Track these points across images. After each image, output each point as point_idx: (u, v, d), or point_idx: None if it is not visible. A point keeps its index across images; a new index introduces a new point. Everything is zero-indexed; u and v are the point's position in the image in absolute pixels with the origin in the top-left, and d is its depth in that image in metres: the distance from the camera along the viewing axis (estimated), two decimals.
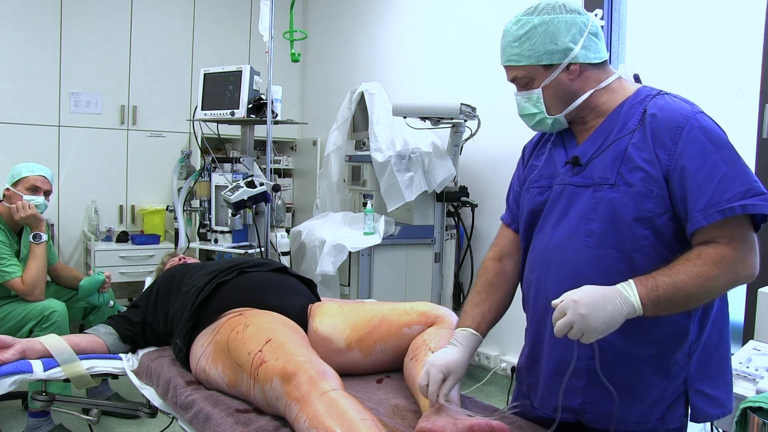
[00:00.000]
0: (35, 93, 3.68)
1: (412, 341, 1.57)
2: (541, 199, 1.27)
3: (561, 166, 1.25)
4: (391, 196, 2.92)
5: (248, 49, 4.35)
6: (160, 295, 1.87)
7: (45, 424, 2.33)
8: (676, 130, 1.10)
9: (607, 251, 1.13)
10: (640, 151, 1.12)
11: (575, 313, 1.01)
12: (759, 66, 2.15)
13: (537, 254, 1.26)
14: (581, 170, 1.20)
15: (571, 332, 1.03)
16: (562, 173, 1.24)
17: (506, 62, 1.23)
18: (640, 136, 1.14)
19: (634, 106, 1.19)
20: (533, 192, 1.29)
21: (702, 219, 1.05)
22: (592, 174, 1.18)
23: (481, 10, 3.21)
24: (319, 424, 1.15)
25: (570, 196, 1.21)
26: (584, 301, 1.02)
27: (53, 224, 3.69)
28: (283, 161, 4.58)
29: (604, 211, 1.14)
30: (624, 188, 1.13)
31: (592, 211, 1.16)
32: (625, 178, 1.13)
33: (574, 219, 1.18)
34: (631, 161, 1.13)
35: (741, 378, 1.37)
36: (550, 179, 1.27)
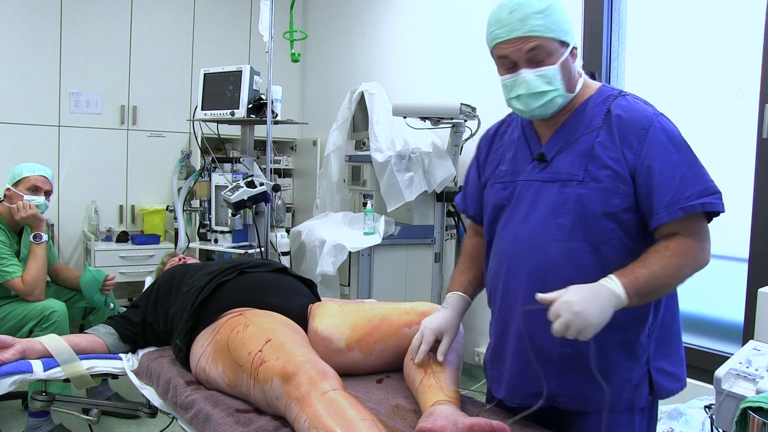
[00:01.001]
0: (35, 93, 3.68)
1: (412, 341, 1.57)
2: (504, 194, 1.31)
3: (527, 162, 1.29)
4: (391, 196, 2.92)
5: (248, 49, 4.35)
6: (160, 295, 1.87)
7: (45, 424, 2.33)
8: (642, 131, 1.17)
9: (576, 244, 1.19)
10: (607, 150, 1.18)
11: (570, 312, 1.05)
12: (759, 66, 2.15)
13: (505, 247, 1.29)
14: (546, 166, 1.25)
15: (569, 331, 1.06)
16: (528, 169, 1.28)
17: (529, 32, 1.15)
18: (606, 135, 1.20)
19: (598, 105, 1.24)
20: (497, 187, 1.33)
21: (666, 215, 1.14)
22: (558, 170, 1.23)
23: (481, 10, 3.21)
24: (319, 424, 1.15)
25: (536, 191, 1.25)
26: (575, 300, 1.06)
27: (53, 224, 3.69)
28: (283, 161, 4.58)
29: (573, 205, 1.19)
30: (592, 184, 1.18)
31: (561, 205, 1.20)
32: (592, 174, 1.19)
33: (543, 213, 1.22)
34: (598, 159, 1.19)
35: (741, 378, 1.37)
36: (514, 175, 1.30)
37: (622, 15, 2.67)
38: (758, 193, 2.18)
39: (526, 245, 1.24)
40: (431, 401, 1.33)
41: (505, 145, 1.37)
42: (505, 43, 1.18)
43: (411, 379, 1.47)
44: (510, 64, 1.21)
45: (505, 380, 1.32)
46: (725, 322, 2.37)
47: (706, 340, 2.41)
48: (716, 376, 1.35)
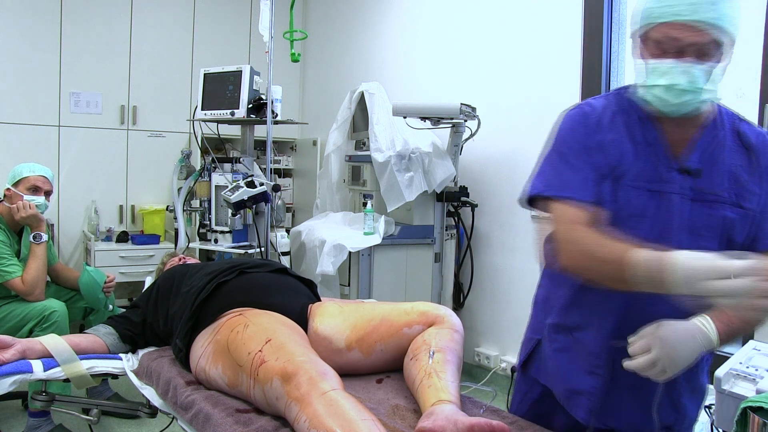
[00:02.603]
0: (35, 93, 3.68)
1: (412, 341, 1.57)
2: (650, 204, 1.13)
3: (667, 170, 1.13)
4: (391, 196, 2.92)
5: (248, 49, 4.35)
6: (160, 295, 1.87)
7: (45, 424, 2.33)
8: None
9: None
10: (750, 176, 1.13)
11: (663, 352, 0.99)
12: (759, 66, 2.15)
13: None
14: (697, 182, 1.12)
15: (653, 369, 1.01)
16: (672, 179, 1.13)
17: (716, 20, 1.00)
18: (746, 161, 1.14)
19: (722, 123, 1.16)
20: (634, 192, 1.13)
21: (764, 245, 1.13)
22: (705, 187, 1.12)
23: (481, 11, 3.21)
24: (319, 424, 1.15)
25: (681, 206, 1.13)
26: (671, 339, 1.00)
27: (53, 224, 3.69)
28: (283, 161, 4.58)
29: (718, 229, 1.12)
30: (739, 211, 1.12)
31: (705, 227, 1.12)
32: (738, 200, 1.12)
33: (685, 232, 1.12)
34: (741, 185, 1.13)
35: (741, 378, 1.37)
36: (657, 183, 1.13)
37: (622, 15, 2.67)
38: None
39: None
40: (431, 401, 1.33)
41: (626, 141, 1.15)
42: (685, 26, 1.01)
43: (411, 379, 1.47)
44: (675, 49, 1.04)
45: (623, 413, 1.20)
46: None
47: None
48: (716, 376, 1.35)
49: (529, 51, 2.93)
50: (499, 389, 3.03)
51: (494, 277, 3.13)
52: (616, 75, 2.69)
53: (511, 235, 3.00)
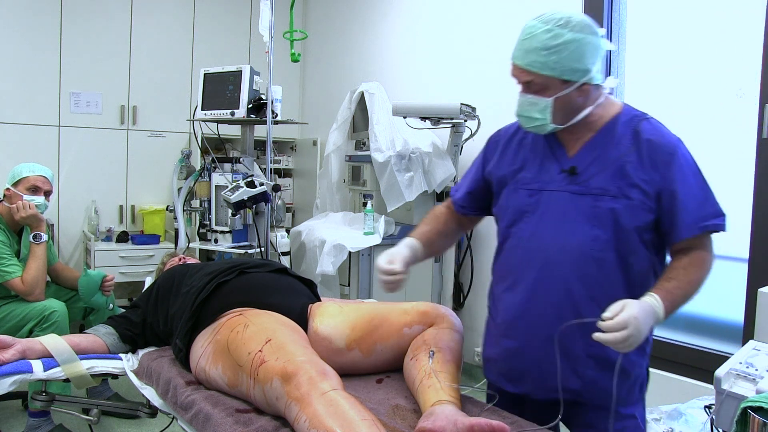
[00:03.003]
0: (35, 93, 3.68)
1: (412, 341, 1.57)
2: (530, 201, 1.36)
3: (555, 173, 1.35)
4: (391, 196, 2.92)
5: (248, 49, 4.35)
6: (160, 295, 1.87)
7: (45, 424, 2.33)
8: (668, 156, 1.28)
9: (609, 254, 1.29)
10: (637, 170, 1.28)
11: (636, 329, 1.13)
12: (759, 66, 2.15)
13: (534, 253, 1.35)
14: (577, 179, 1.32)
15: (626, 343, 1.13)
16: (557, 180, 1.34)
17: (527, 66, 1.25)
18: (636, 157, 1.28)
19: (624, 124, 1.32)
20: (522, 193, 1.38)
21: (687, 232, 1.27)
22: (590, 184, 1.30)
23: (481, 10, 3.21)
24: (319, 424, 1.15)
25: (568, 202, 1.32)
26: (642, 317, 1.14)
27: (53, 224, 3.69)
28: (283, 161, 4.58)
29: (606, 219, 1.28)
30: (624, 201, 1.27)
31: (595, 218, 1.29)
32: (624, 191, 1.28)
33: (578, 224, 1.30)
34: (629, 178, 1.28)
35: (741, 378, 1.37)
36: (542, 184, 1.36)
37: (622, 15, 2.67)
38: (758, 193, 2.18)
39: (561, 253, 1.31)
40: (431, 401, 1.33)
41: (526, 151, 1.41)
42: (512, 65, 1.30)
43: (411, 379, 1.47)
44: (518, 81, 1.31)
45: (530, 377, 1.37)
46: (725, 322, 2.37)
47: (706, 340, 2.41)
48: (716, 376, 1.35)
49: None
50: None
51: None
52: (616, 75, 2.69)
53: None
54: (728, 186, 2.33)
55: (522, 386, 1.39)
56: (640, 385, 1.39)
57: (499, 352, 1.42)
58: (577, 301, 1.29)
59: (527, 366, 1.37)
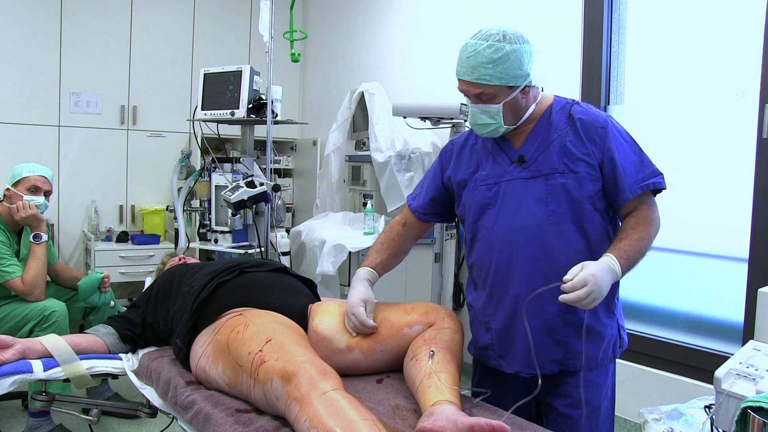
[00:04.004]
0: (35, 93, 3.68)
1: (412, 341, 1.57)
2: (490, 194, 1.50)
3: (507, 165, 1.50)
4: (391, 196, 2.92)
5: (248, 49, 4.35)
6: (160, 295, 1.87)
7: (45, 424, 2.33)
8: (601, 130, 1.44)
9: (567, 225, 1.43)
10: (577, 147, 1.44)
11: (595, 285, 1.26)
12: (759, 66, 2.15)
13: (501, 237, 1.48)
14: (527, 165, 1.47)
15: (587, 299, 1.26)
16: (510, 170, 1.49)
17: (477, 80, 1.41)
18: (573, 135, 1.45)
19: (558, 111, 1.49)
20: (482, 189, 1.52)
21: (630, 193, 1.42)
22: (540, 167, 1.46)
23: (481, 11, 3.21)
24: (319, 424, 1.15)
25: (522, 186, 1.46)
26: (599, 274, 1.28)
27: (53, 224, 3.69)
28: (283, 161, 4.58)
29: (561, 193, 1.43)
30: (572, 175, 1.43)
31: (549, 195, 1.43)
32: (570, 167, 1.43)
33: (534, 203, 1.44)
34: (571, 154, 1.43)
35: (741, 378, 1.37)
36: (497, 177, 1.50)
37: (622, 15, 2.67)
38: (758, 193, 2.18)
39: (524, 231, 1.44)
40: (431, 401, 1.33)
41: (479, 153, 1.57)
42: (460, 81, 1.47)
43: (411, 379, 1.47)
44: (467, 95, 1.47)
45: (518, 355, 1.48)
46: (725, 322, 2.37)
47: (706, 340, 2.41)
48: (716, 376, 1.35)
49: None
50: None
51: None
52: (616, 75, 2.69)
53: None
54: (728, 186, 2.33)
55: (515, 364, 1.49)
56: (614, 345, 1.52)
57: (490, 338, 1.53)
58: (545, 272, 1.41)
59: (515, 343, 1.48)
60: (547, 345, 1.44)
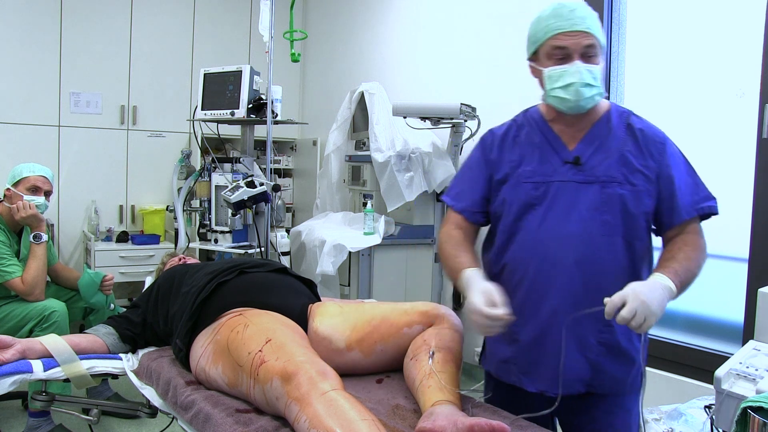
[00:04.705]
0: (35, 93, 3.68)
1: (412, 341, 1.57)
2: (536, 193, 1.38)
3: (558, 164, 1.38)
4: (391, 196, 2.92)
5: (248, 49, 4.35)
6: (160, 295, 1.87)
7: (45, 424, 2.33)
8: (660, 145, 1.37)
9: (617, 239, 1.34)
10: (636, 158, 1.35)
11: (637, 300, 1.16)
12: (759, 66, 2.15)
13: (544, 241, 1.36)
14: (582, 169, 1.36)
15: (634, 319, 1.16)
16: (561, 171, 1.37)
17: (588, 29, 1.29)
18: (633, 146, 1.36)
19: (617, 117, 1.40)
20: (527, 187, 1.40)
21: (685, 214, 1.35)
22: (595, 173, 1.35)
23: (481, 11, 3.21)
24: (319, 424, 1.15)
25: (574, 191, 1.36)
26: (642, 290, 1.18)
27: (53, 224, 3.69)
28: (283, 161, 4.58)
29: (615, 204, 1.33)
30: (629, 187, 1.34)
31: (604, 204, 1.34)
32: (628, 178, 1.34)
33: (587, 211, 1.34)
34: (630, 165, 1.35)
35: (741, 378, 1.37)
36: (545, 176, 1.39)
37: (622, 15, 2.67)
38: (758, 193, 2.18)
39: (571, 239, 1.34)
40: (431, 401, 1.33)
41: (523, 147, 1.44)
42: (565, 35, 1.30)
43: (411, 379, 1.47)
44: (562, 55, 1.31)
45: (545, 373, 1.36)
46: (725, 322, 2.37)
47: (706, 340, 2.41)
48: (716, 376, 1.35)
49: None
50: None
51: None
52: (616, 75, 2.69)
53: None
54: (728, 186, 2.33)
55: (540, 382, 1.37)
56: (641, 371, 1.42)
57: (513, 351, 1.41)
58: (588, 285, 1.32)
59: (543, 359, 1.36)
60: (576, 363, 1.33)
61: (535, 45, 1.36)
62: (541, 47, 1.34)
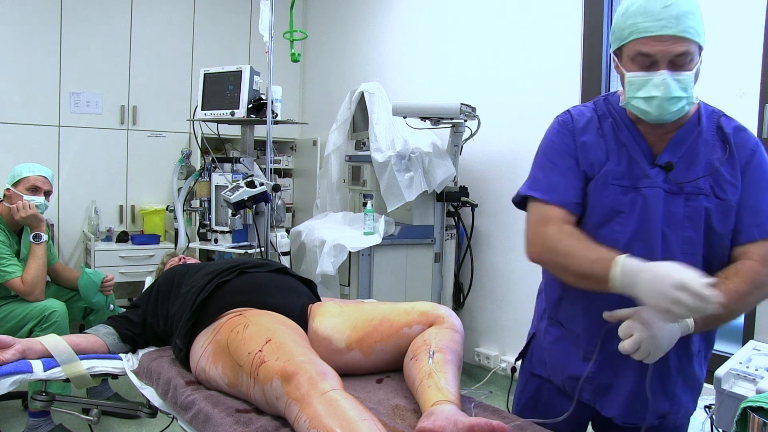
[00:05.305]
0: (35, 93, 3.68)
1: (412, 341, 1.57)
2: (624, 199, 1.22)
3: (647, 167, 1.21)
4: (391, 196, 2.92)
5: (248, 49, 4.35)
6: (160, 295, 1.87)
7: (45, 424, 2.33)
8: (750, 154, 1.21)
9: (696, 257, 1.20)
10: (726, 168, 1.20)
11: (645, 334, 1.07)
12: (759, 66, 2.15)
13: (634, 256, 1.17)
14: (671, 176, 1.21)
15: (638, 352, 1.08)
16: (650, 176, 1.21)
17: (683, 33, 1.09)
18: (723, 153, 1.20)
19: (702, 119, 1.24)
20: (614, 190, 1.22)
21: (758, 233, 1.18)
22: (680, 181, 1.20)
23: (480, 11, 3.21)
24: (319, 424, 1.15)
25: (663, 201, 1.20)
26: (650, 323, 1.07)
27: (53, 224, 3.69)
28: (283, 161, 4.58)
29: (700, 219, 1.19)
30: (717, 201, 1.19)
31: (687, 218, 1.19)
32: (716, 191, 1.19)
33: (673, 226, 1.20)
34: (720, 175, 1.19)
35: (741, 378, 1.37)
36: (634, 180, 1.21)
37: None
38: None
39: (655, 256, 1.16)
40: (431, 401, 1.33)
41: (609, 141, 1.25)
42: (654, 39, 1.11)
43: (411, 379, 1.47)
44: (648, 63, 1.14)
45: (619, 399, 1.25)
46: None
47: None
48: (716, 376, 1.35)
49: (529, 51, 2.93)
50: (498, 389, 3.04)
51: (494, 277, 3.13)
52: (616, 75, 2.69)
53: (511, 235, 3.00)
54: None
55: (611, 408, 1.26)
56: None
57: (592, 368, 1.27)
58: None
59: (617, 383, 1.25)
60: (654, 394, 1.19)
61: (618, 42, 1.18)
62: (625, 47, 1.16)
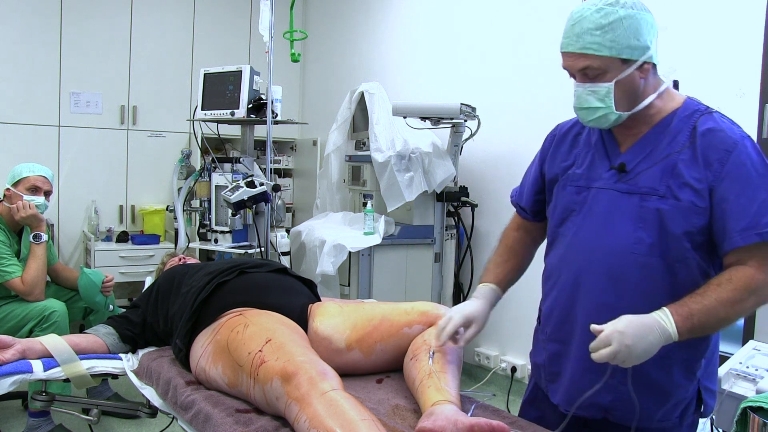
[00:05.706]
0: (35, 93, 3.68)
1: (412, 341, 1.57)
2: (577, 198, 1.29)
3: (604, 169, 1.26)
4: (391, 196, 2.92)
5: (248, 49, 4.35)
6: (160, 295, 1.87)
7: (45, 424, 2.33)
8: (724, 153, 1.15)
9: (653, 259, 1.18)
10: (689, 169, 1.17)
11: (621, 344, 1.07)
12: (759, 66, 2.15)
13: (577, 254, 1.28)
14: (625, 177, 1.23)
15: (614, 361, 1.08)
16: (605, 177, 1.26)
17: (582, 49, 1.16)
18: (690, 154, 1.17)
19: (683, 120, 1.21)
20: (570, 190, 1.31)
21: (740, 239, 1.12)
22: (638, 182, 1.21)
23: (481, 11, 3.21)
24: (319, 424, 1.15)
25: (613, 201, 1.23)
26: (629, 332, 1.07)
27: (53, 224, 3.69)
28: (283, 161, 4.58)
29: (653, 221, 1.18)
30: (672, 201, 1.17)
31: (641, 219, 1.19)
32: (673, 191, 1.17)
33: (621, 225, 1.21)
34: (680, 176, 1.17)
35: (741, 378, 1.37)
36: (588, 180, 1.28)
37: None
38: None
39: (602, 253, 1.23)
40: (431, 401, 1.33)
41: (581, 147, 1.34)
42: (564, 55, 1.22)
43: (411, 379, 1.47)
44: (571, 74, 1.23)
45: (562, 387, 1.32)
46: None
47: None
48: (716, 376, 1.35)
49: (529, 51, 2.93)
50: (498, 389, 3.04)
51: None
52: None
53: None
54: None
55: (557, 395, 1.33)
56: (685, 408, 1.25)
57: (544, 357, 1.39)
58: (614, 305, 1.18)
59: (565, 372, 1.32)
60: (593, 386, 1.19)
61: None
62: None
